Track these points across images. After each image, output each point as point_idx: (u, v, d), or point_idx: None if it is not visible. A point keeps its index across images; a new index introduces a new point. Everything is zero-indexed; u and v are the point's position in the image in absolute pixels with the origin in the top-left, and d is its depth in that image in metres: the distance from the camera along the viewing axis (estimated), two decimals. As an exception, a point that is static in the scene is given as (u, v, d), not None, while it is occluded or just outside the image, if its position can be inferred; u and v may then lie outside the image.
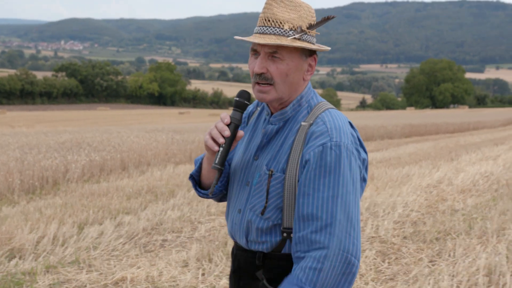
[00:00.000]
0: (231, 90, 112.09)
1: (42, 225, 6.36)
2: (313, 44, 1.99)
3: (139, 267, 5.22)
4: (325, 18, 1.98)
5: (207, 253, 5.55)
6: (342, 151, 1.88)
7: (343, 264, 1.83)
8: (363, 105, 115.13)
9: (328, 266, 1.82)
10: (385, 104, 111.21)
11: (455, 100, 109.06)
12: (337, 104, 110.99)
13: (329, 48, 2.07)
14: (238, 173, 2.12)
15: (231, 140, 2.00)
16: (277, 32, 1.93)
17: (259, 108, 2.19)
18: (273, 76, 1.95)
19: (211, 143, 2.00)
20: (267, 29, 1.94)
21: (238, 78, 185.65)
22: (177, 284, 4.83)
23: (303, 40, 1.95)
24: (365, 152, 2.01)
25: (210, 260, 5.42)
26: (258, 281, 2.03)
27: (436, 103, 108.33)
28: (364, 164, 2.00)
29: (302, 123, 1.97)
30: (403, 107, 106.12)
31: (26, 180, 9.32)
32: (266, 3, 1.98)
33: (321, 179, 1.86)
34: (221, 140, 1.98)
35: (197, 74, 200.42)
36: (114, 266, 5.28)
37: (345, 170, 1.87)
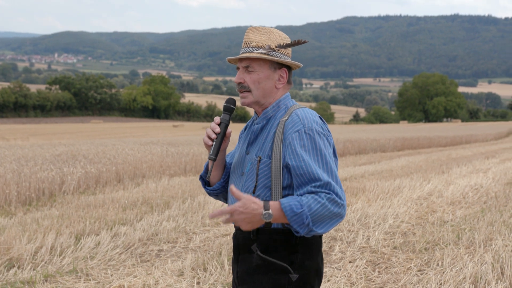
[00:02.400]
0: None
1: (40, 236, 6.48)
2: (278, 58, 2.51)
3: (135, 276, 5.36)
4: (295, 41, 2.50)
5: (202, 262, 5.68)
6: (314, 134, 2.41)
7: (333, 203, 2.31)
8: (356, 119, 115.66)
9: (324, 202, 2.29)
10: (378, 117, 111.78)
11: (448, 114, 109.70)
12: (330, 117, 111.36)
13: (293, 61, 2.56)
14: (235, 168, 2.64)
15: (222, 136, 2.53)
16: (247, 50, 2.53)
17: (249, 123, 2.72)
18: (248, 84, 2.53)
19: (206, 139, 2.54)
20: (243, 49, 2.56)
21: (232, 91, 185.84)
22: (173, 292, 4.97)
23: (271, 56, 2.50)
24: (331, 138, 2.53)
25: (205, 269, 5.55)
26: (253, 253, 2.48)
27: (429, 117, 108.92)
28: (331, 144, 2.50)
29: (281, 120, 2.50)
30: (396, 121, 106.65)
31: (22, 192, 9.45)
32: (245, 32, 2.59)
33: (304, 154, 2.37)
34: (213, 136, 2.53)
35: (191, 87, 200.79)
36: (111, 275, 5.41)
37: (320, 147, 2.40)
